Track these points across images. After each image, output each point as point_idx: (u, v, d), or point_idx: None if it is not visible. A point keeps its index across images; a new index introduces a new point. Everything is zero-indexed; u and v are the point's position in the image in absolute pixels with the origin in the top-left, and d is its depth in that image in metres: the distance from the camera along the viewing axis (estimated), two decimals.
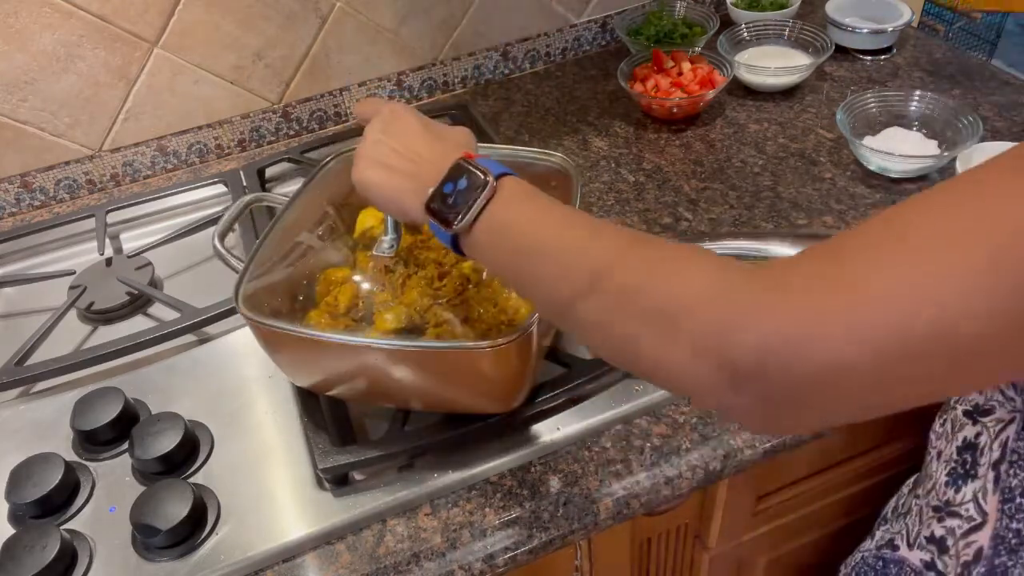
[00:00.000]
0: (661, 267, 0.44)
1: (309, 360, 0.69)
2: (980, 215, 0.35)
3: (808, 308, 0.37)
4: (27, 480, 0.70)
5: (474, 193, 0.53)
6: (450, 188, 0.55)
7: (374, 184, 0.60)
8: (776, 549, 0.99)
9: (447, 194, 0.55)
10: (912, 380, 0.37)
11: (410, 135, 0.61)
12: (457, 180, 0.55)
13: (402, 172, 0.59)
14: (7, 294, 1.00)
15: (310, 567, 0.66)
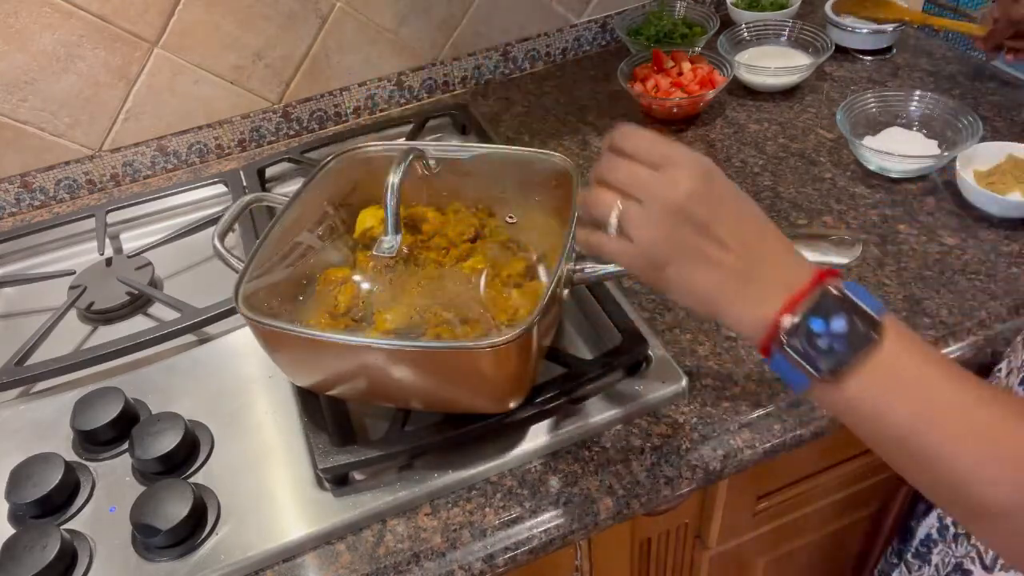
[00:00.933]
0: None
1: (309, 360, 0.69)
2: None
3: None
4: (27, 480, 0.70)
5: (856, 342, 0.44)
6: (820, 327, 0.45)
7: (690, 289, 0.50)
8: (776, 549, 0.99)
9: (816, 333, 0.45)
10: None
11: (734, 213, 0.50)
12: (830, 317, 0.45)
13: (726, 269, 0.48)
14: (7, 294, 1.00)
15: (310, 567, 0.66)
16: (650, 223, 0.49)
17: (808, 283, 0.46)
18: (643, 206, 0.49)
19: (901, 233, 0.91)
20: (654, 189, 0.49)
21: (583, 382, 0.73)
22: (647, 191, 0.50)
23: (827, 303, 0.45)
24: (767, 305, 0.46)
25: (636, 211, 0.50)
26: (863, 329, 0.44)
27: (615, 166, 0.52)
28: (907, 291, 0.83)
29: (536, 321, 0.63)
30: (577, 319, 0.84)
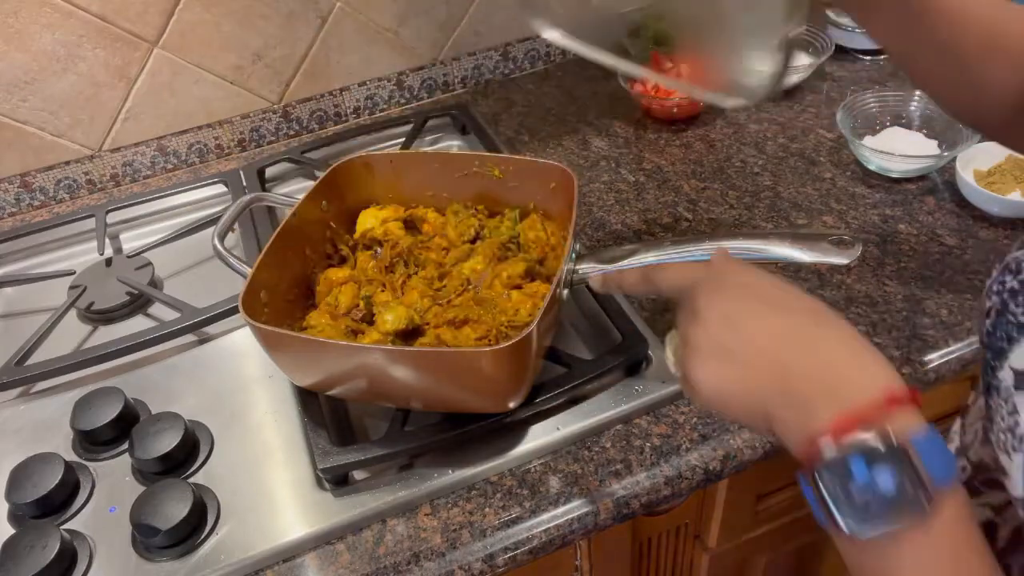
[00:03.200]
0: None
1: (309, 360, 0.69)
2: None
3: None
4: (27, 480, 0.70)
5: (897, 514, 0.36)
6: (861, 474, 0.36)
7: (725, 396, 0.43)
8: (776, 549, 0.99)
9: (855, 478, 0.36)
10: None
11: (763, 316, 0.43)
12: (877, 466, 0.36)
13: (761, 378, 0.41)
14: (7, 294, 0.99)
15: (310, 567, 0.66)
16: (693, 330, 0.45)
17: (869, 404, 0.37)
18: (690, 316, 0.47)
19: (901, 233, 0.91)
20: (684, 314, 0.47)
21: (583, 382, 0.73)
22: (683, 320, 0.47)
23: (880, 454, 0.36)
24: (813, 417, 0.38)
25: (691, 324, 0.46)
26: (912, 498, 0.35)
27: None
28: (907, 291, 0.83)
29: (536, 323, 0.63)
30: (577, 319, 0.84)
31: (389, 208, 0.87)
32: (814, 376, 0.39)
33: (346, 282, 0.79)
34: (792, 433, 0.40)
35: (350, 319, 0.75)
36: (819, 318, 0.43)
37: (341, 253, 0.84)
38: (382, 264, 0.80)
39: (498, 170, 0.84)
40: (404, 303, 0.75)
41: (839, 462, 0.37)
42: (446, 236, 0.83)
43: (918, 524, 0.36)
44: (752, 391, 0.42)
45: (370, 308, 0.76)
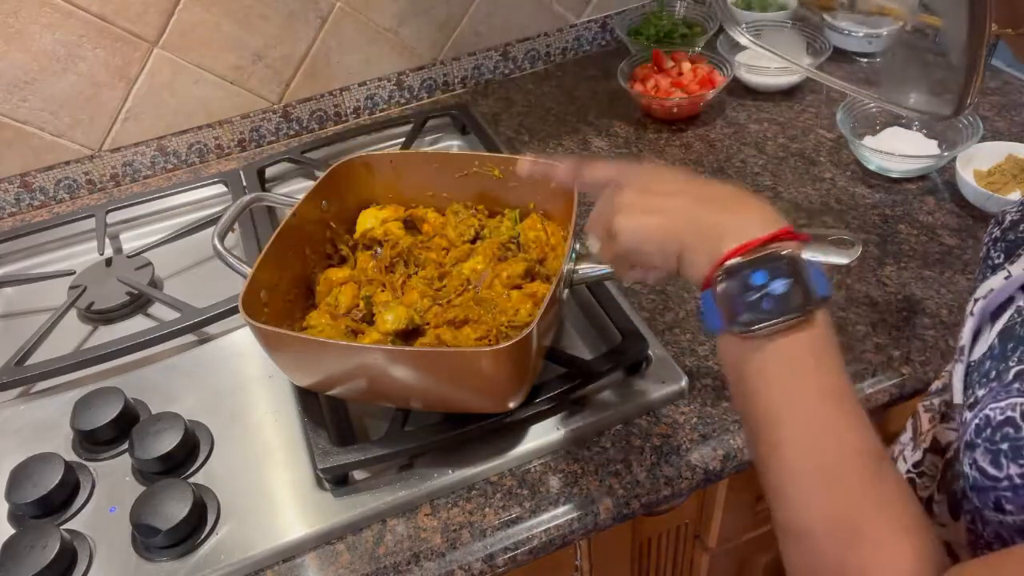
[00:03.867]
0: (873, 504, 0.42)
1: (309, 360, 0.69)
2: None
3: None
4: (27, 480, 0.70)
5: (785, 312, 0.44)
6: (760, 280, 0.44)
7: (645, 230, 0.51)
8: (776, 549, 0.99)
9: (752, 286, 0.44)
10: None
11: (686, 182, 0.52)
12: (774, 276, 0.44)
13: (683, 215, 0.50)
14: (7, 294, 0.99)
15: (310, 567, 0.66)
16: (625, 196, 0.53)
17: (768, 236, 0.46)
18: (620, 189, 0.54)
19: (901, 233, 0.91)
20: (610, 195, 0.55)
21: (583, 382, 0.73)
22: (607, 199, 0.55)
23: (778, 263, 0.45)
24: (720, 245, 0.46)
25: (621, 193, 0.54)
26: (797, 302, 0.44)
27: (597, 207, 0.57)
28: (907, 291, 0.83)
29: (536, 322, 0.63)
30: (577, 319, 0.84)
31: (389, 208, 0.87)
32: (724, 221, 0.48)
33: (346, 282, 0.79)
34: (700, 260, 0.48)
35: (350, 319, 0.75)
36: (733, 190, 0.51)
37: (341, 253, 0.84)
38: (382, 264, 0.80)
39: (498, 170, 0.84)
40: (404, 303, 0.75)
41: (741, 271, 0.45)
42: (446, 236, 0.83)
43: (800, 324, 0.44)
44: (669, 232, 0.50)
45: (370, 308, 0.76)
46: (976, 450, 0.43)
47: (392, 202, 0.88)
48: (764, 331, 0.44)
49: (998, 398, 0.43)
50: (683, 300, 0.85)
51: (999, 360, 0.45)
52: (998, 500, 0.41)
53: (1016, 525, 0.41)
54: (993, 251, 0.55)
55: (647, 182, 0.53)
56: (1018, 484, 0.40)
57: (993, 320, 0.50)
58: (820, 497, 0.43)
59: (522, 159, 0.70)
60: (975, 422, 0.44)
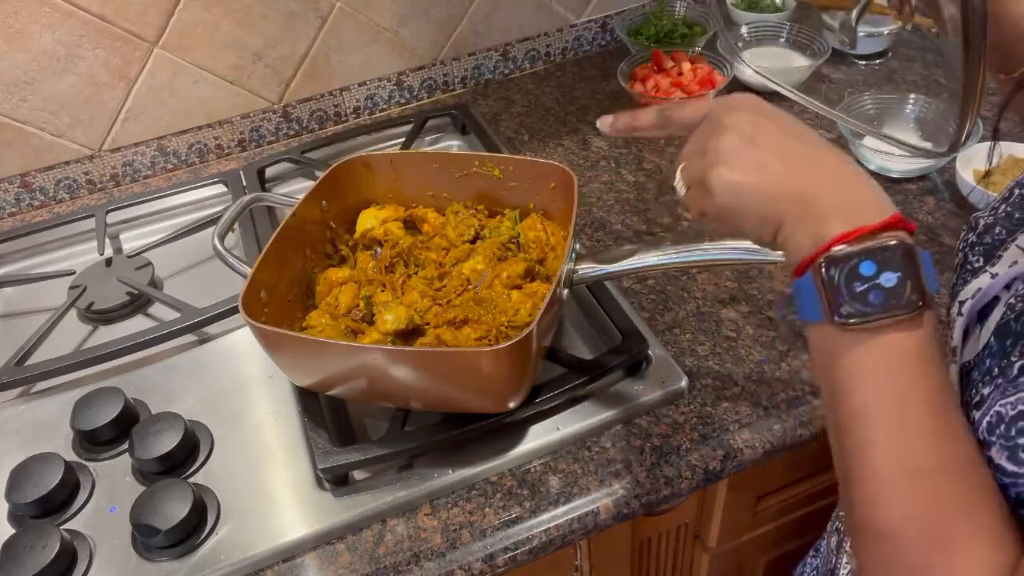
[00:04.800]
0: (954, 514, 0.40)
1: (309, 360, 0.69)
2: None
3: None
4: (27, 480, 0.70)
5: (895, 307, 0.41)
6: (869, 271, 0.41)
7: (746, 194, 0.46)
8: (776, 549, 0.99)
9: (861, 275, 0.41)
10: None
11: (793, 138, 0.48)
12: (885, 267, 0.41)
13: (788, 184, 0.45)
14: (7, 294, 0.99)
15: (310, 567, 0.66)
16: (701, 157, 0.48)
17: (880, 223, 0.41)
18: (700, 150, 0.49)
19: None
20: (704, 133, 0.50)
21: (583, 382, 0.73)
22: (700, 139, 0.50)
23: (890, 254, 0.41)
24: (827, 226, 0.42)
25: (693, 156, 0.50)
26: (909, 297, 0.41)
27: (685, 147, 0.52)
28: None
29: (536, 323, 0.63)
30: (577, 319, 0.84)
31: (389, 208, 0.87)
32: (835, 195, 0.44)
33: (346, 282, 0.79)
34: (802, 239, 0.44)
35: (350, 319, 0.75)
36: (840, 155, 0.47)
37: (341, 253, 0.84)
38: (382, 264, 0.80)
39: (498, 170, 0.84)
40: (404, 303, 0.75)
41: (849, 260, 0.41)
42: (446, 236, 0.83)
43: (907, 321, 0.41)
44: (773, 198, 0.45)
45: (370, 308, 0.76)
46: (991, 448, 0.42)
47: (392, 202, 0.88)
48: (869, 326, 0.41)
49: (1007, 394, 0.42)
50: (683, 300, 0.85)
51: (999, 357, 0.45)
52: (1019, 495, 0.41)
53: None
54: (971, 255, 0.54)
55: (753, 128, 0.47)
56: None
57: (981, 319, 0.49)
58: (912, 501, 0.41)
59: (602, 118, 0.64)
60: (986, 420, 0.43)
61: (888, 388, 0.42)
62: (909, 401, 0.42)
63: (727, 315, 0.83)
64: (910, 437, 0.41)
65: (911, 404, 0.42)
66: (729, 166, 0.47)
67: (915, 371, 0.42)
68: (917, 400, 0.42)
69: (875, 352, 0.42)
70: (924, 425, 0.41)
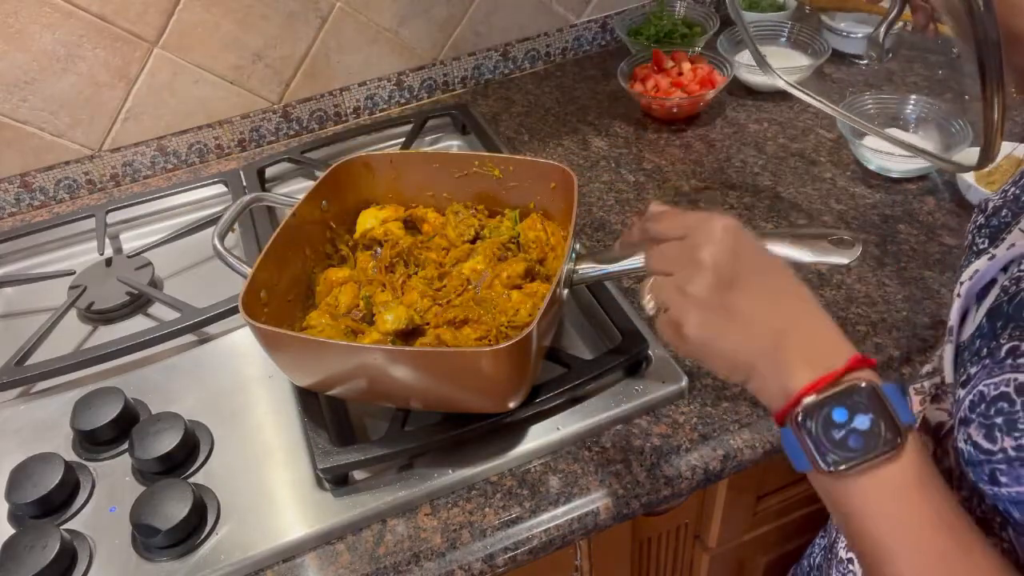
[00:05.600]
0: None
1: (309, 360, 0.69)
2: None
3: None
4: (27, 480, 0.70)
5: (875, 448, 0.42)
6: (842, 417, 0.43)
7: (717, 350, 0.48)
8: (776, 549, 0.99)
9: (836, 423, 0.43)
10: None
11: (761, 269, 0.49)
12: (855, 411, 0.43)
13: (756, 329, 0.47)
14: (7, 294, 0.99)
15: (310, 567, 0.66)
16: (676, 290, 0.49)
17: (842, 368, 0.44)
18: (673, 277, 0.50)
19: (901, 233, 0.91)
20: (679, 259, 0.50)
21: (583, 382, 0.73)
22: (674, 264, 0.50)
23: (856, 396, 0.43)
24: (794, 379, 0.44)
25: (666, 283, 0.50)
26: (885, 436, 0.42)
27: (650, 254, 0.53)
28: (907, 291, 0.83)
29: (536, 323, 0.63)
30: (577, 319, 0.84)
31: (389, 208, 0.87)
32: (801, 345, 0.46)
33: (346, 282, 0.79)
34: (772, 391, 0.46)
35: (350, 319, 0.75)
36: (803, 293, 0.49)
37: (341, 253, 0.84)
38: (382, 264, 0.80)
39: (498, 170, 0.84)
40: (404, 303, 0.75)
41: (821, 410, 0.43)
42: (446, 236, 0.83)
43: (891, 457, 0.42)
44: (744, 350, 0.47)
45: (370, 308, 0.76)
46: (970, 425, 0.44)
47: (392, 202, 0.88)
48: (857, 470, 0.43)
49: (992, 374, 0.43)
50: None
51: (989, 338, 0.46)
52: (992, 473, 0.42)
53: (1010, 496, 0.42)
54: (978, 238, 0.56)
55: (731, 272, 0.48)
56: (1012, 457, 0.41)
57: (979, 301, 0.50)
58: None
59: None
60: (969, 398, 0.44)
61: (897, 522, 0.43)
62: (922, 531, 0.42)
63: None
64: (931, 566, 0.42)
65: (924, 534, 0.42)
66: (701, 318, 0.48)
67: (918, 500, 0.43)
68: (929, 529, 0.42)
69: (874, 491, 0.43)
70: (943, 552, 0.42)
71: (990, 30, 0.45)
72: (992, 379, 0.43)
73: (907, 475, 0.43)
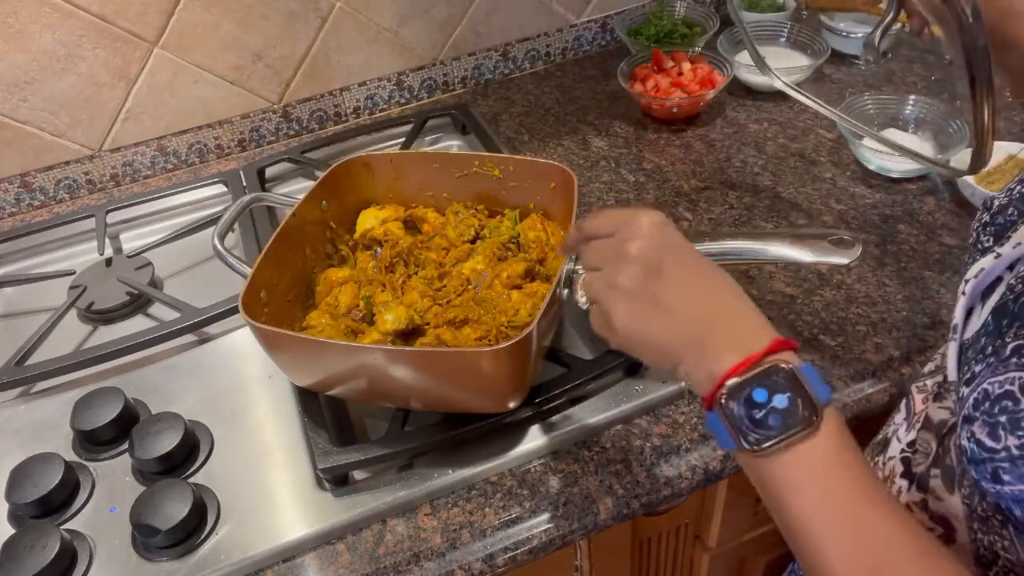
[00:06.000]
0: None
1: (309, 360, 0.69)
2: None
3: None
4: (27, 480, 0.70)
5: (793, 425, 0.44)
6: (762, 397, 0.44)
7: (645, 338, 0.49)
8: (776, 549, 0.99)
9: (756, 403, 0.44)
10: None
11: (687, 261, 0.50)
12: (774, 392, 0.44)
13: (682, 317, 0.48)
14: (7, 294, 0.99)
15: (310, 567, 0.66)
16: (605, 283, 0.51)
17: (762, 351, 0.45)
18: (603, 272, 0.51)
19: (901, 233, 0.91)
20: (608, 254, 0.52)
21: (583, 382, 0.73)
22: (604, 259, 0.52)
23: (775, 377, 0.45)
24: (719, 363, 0.46)
25: (597, 277, 0.52)
26: (802, 414, 0.44)
27: (583, 250, 0.55)
28: (907, 291, 0.83)
29: (536, 323, 0.63)
30: (577, 319, 0.84)
31: (389, 208, 0.87)
32: (725, 332, 0.47)
33: (346, 282, 0.79)
34: (699, 377, 0.47)
35: (350, 319, 0.75)
36: (726, 282, 0.50)
37: (341, 253, 0.84)
38: (382, 264, 0.80)
39: (498, 170, 0.84)
40: (404, 303, 0.75)
41: (742, 391, 0.45)
42: (446, 236, 0.83)
43: (809, 434, 0.44)
44: (673, 338, 0.48)
45: (370, 308, 0.76)
46: (974, 423, 0.44)
47: (392, 202, 0.88)
48: (777, 447, 0.44)
49: (996, 372, 0.43)
50: None
51: (994, 336, 0.46)
52: (996, 471, 0.43)
53: (1013, 495, 0.43)
54: (983, 235, 0.56)
55: (657, 262, 0.50)
56: (1016, 455, 0.41)
57: (984, 299, 0.51)
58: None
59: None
60: (973, 396, 0.45)
61: (818, 495, 0.44)
62: (842, 503, 0.44)
63: None
64: (853, 535, 0.43)
65: (844, 505, 0.44)
66: (629, 308, 0.49)
67: (836, 473, 0.44)
68: (849, 499, 0.44)
69: (795, 467, 0.44)
70: (864, 521, 0.43)
71: (978, 38, 0.46)
72: (997, 377, 0.43)
73: (826, 450, 0.44)
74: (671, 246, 0.50)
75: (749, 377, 0.45)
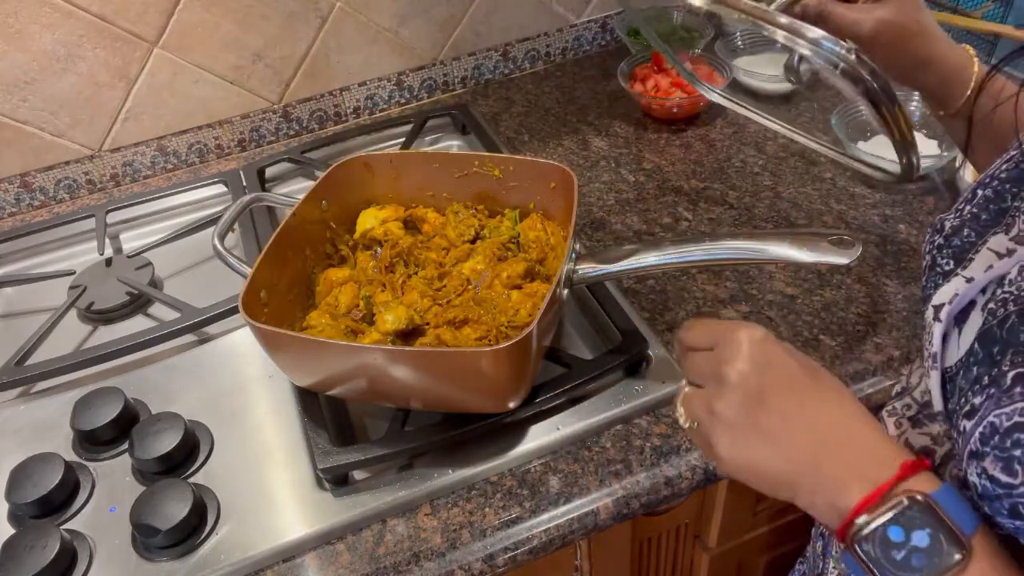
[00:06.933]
0: None
1: (309, 360, 0.69)
2: None
3: None
4: (27, 480, 0.70)
5: (938, 565, 0.39)
6: (898, 536, 0.40)
7: (752, 467, 0.46)
8: (776, 549, 0.99)
9: (894, 543, 0.40)
10: None
11: (791, 379, 0.46)
12: (911, 528, 0.40)
13: (791, 445, 0.45)
14: (7, 294, 0.99)
15: (310, 567, 0.66)
16: (705, 407, 0.48)
17: (891, 479, 0.41)
18: (702, 392, 0.49)
19: (901, 233, 0.91)
20: (706, 371, 0.49)
21: (583, 382, 0.73)
22: (702, 376, 0.49)
23: (911, 512, 0.40)
24: (844, 497, 0.42)
25: (696, 397, 0.49)
26: (947, 549, 0.40)
27: (684, 362, 0.52)
28: (907, 291, 0.83)
29: (536, 323, 0.63)
30: (577, 319, 0.84)
31: (389, 208, 0.87)
32: (845, 458, 0.43)
33: (346, 282, 0.79)
34: (823, 508, 0.43)
35: (350, 319, 0.75)
36: (843, 400, 0.46)
37: (341, 253, 0.84)
38: (382, 264, 0.80)
39: (498, 170, 0.84)
40: (404, 303, 0.75)
41: (876, 531, 0.41)
42: (446, 236, 0.83)
43: (958, 571, 0.39)
44: (784, 471, 0.45)
45: (370, 308, 0.76)
46: (985, 459, 0.42)
47: (392, 202, 0.88)
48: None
49: (1001, 404, 0.41)
50: (683, 300, 0.85)
51: (987, 365, 0.44)
52: (1014, 507, 0.40)
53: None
54: (940, 258, 0.54)
55: (759, 386, 0.46)
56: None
57: (958, 324, 0.49)
58: None
59: None
60: (979, 430, 0.42)
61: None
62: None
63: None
64: None
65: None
66: (732, 438, 0.46)
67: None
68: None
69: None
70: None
71: (871, 80, 0.48)
72: (1002, 409, 0.41)
73: None
74: (772, 365, 0.47)
75: (880, 514, 0.41)
